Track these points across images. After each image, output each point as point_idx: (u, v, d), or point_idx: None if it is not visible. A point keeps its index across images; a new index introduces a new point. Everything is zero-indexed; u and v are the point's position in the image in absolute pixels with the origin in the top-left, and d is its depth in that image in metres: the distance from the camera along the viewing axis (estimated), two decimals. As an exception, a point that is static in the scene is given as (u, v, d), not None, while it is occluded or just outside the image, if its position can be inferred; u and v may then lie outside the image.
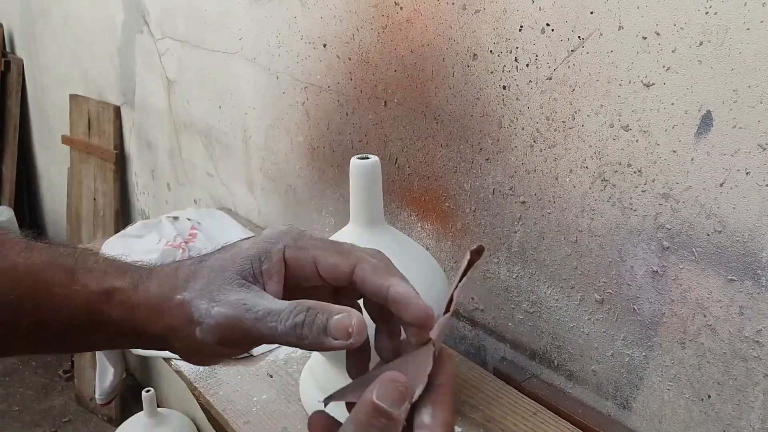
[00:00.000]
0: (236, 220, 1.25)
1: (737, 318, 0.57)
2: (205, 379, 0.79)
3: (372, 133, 0.91)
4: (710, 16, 0.53)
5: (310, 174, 1.07)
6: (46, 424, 2.05)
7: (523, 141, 0.71)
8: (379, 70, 0.86)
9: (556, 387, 0.75)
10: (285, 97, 1.07)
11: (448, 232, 0.84)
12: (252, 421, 0.71)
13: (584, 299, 0.70)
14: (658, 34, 0.57)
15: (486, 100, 0.73)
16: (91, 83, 1.87)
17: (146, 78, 1.55)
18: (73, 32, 1.88)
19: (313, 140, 1.04)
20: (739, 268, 0.56)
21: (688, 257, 0.59)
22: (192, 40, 1.31)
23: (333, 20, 0.92)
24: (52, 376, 2.27)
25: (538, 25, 0.66)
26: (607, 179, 0.64)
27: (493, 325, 0.81)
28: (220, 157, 1.34)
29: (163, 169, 1.61)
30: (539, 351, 0.77)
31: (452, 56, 0.76)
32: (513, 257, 0.76)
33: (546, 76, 0.67)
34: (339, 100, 0.95)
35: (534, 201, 0.72)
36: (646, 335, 0.64)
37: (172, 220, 1.21)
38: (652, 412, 0.66)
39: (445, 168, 0.81)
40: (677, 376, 0.63)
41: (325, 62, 0.96)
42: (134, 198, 1.84)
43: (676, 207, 0.59)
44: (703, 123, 0.55)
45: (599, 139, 0.64)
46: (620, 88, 0.60)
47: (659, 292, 0.62)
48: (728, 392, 0.59)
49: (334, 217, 1.04)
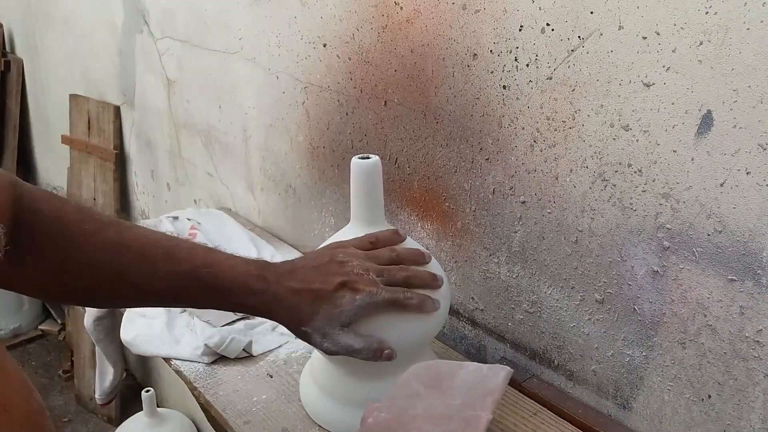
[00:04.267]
0: (236, 219, 1.25)
1: (738, 318, 0.57)
2: (205, 379, 0.79)
3: (372, 133, 0.91)
4: (710, 16, 0.53)
5: (310, 174, 1.07)
6: (46, 424, 2.04)
7: (524, 141, 0.71)
8: (379, 70, 0.86)
9: (556, 387, 0.75)
10: (285, 97, 1.07)
11: (448, 232, 0.84)
12: (252, 421, 0.71)
13: (584, 299, 0.70)
14: (658, 34, 0.56)
15: (486, 100, 0.73)
16: (91, 83, 1.87)
17: (146, 78, 1.55)
18: (73, 32, 1.88)
19: (313, 140, 1.04)
20: (740, 268, 0.55)
21: (688, 257, 0.59)
22: (192, 39, 1.31)
23: (333, 20, 0.92)
24: (52, 376, 2.27)
25: (538, 25, 0.66)
26: (608, 179, 0.64)
27: (493, 325, 0.81)
28: (220, 157, 1.34)
29: (163, 169, 1.61)
30: (539, 351, 0.77)
31: (452, 56, 0.76)
32: (513, 257, 0.76)
33: (546, 76, 0.66)
34: (339, 99, 0.95)
35: (534, 201, 0.72)
36: (647, 335, 0.64)
37: (172, 220, 1.21)
38: (653, 412, 0.66)
39: (445, 168, 0.81)
40: (677, 376, 0.63)
41: (325, 62, 0.96)
42: (134, 198, 1.84)
43: (677, 207, 0.59)
44: (703, 123, 0.55)
45: (599, 139, 0.64)
46: (620, 87, 0.60)
47: (659, 292, 0.62)
48: (728, 392, 0.59)
49: (334, 217, 1.04)
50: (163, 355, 0.86)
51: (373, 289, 0.59)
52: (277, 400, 0.74)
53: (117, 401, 1.93)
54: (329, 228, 1.06)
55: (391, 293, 0.60)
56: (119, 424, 1.74)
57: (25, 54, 2.31)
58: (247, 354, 0.83)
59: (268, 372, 0.80)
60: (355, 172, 0.66)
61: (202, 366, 0.82)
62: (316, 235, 1.09)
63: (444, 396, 0.53)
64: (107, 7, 1.62)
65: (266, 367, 0.81)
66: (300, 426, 0.70)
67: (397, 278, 0.62)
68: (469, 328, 0.85)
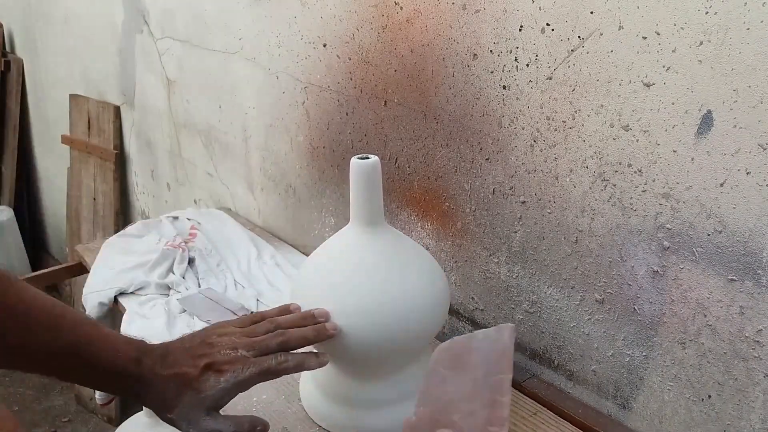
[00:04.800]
0: (236, 219, 1.25)
1: (738, 318, 0.57)
2: (205, 379, 0.79)
3: (372, 133, 0.91)
4: (710, 16, 0.53)
5: (310, 174, 1.07)
6: (46, 424, 2.05)
7: (524, 141, 0.71)
8: (379, 70, 0.86)
9: (556, 387, 0.75)
10: (285, 96, 1.07)
11: (448, 232, 0.84)
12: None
13: (584, 299, 0.70)
14: (658, 34, 0.56)
15: (486, 100, 0.73)
16: (91, 83, 1.87)
17: (146, 78, 1.55)
18: (73, 32, 1.88)
19: (313, 140, 1.04)
20: (740, 268, 0.55)
21: (688, 257, 0.59)
22: (192, 39, 1.31)
23: (333, 20, 0.92)
24: (52, 376, 2.27)
25: (538, 25, 0.66)
26: (608, 179, 0.64)
27: (494, 325, 0.81)
28: (220, 157, 1.34)
29: (163, 168, 1.61)
30: (539, 351, 0.77)
31: (452, 56, 0.76)
32: (513, 257, 0.76)
33: (546, 76, 0.66)
34: (339, 99, 0.95)
35: (534, 201, 0.72)
36: (647, 335, 0.64)
37: (172, 220, 1.21)
38: (653, 412, 0.66)
39: (445, 168, 0.81)
40: (677, 376, 0.63)
41: (325, 62, 0.96)
42: (134, 198, 1.84)
43: (677, 207, 0.59)
44: (703, 123, 0.55)
45: (599, 139, 0.64)
46: (620, 87, 0.60)
47: (659, 292, 0.62)
48: (728, 392, 0.59)
49: (334, 217, 1.04)
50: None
51: (239, 367, 0.57)
52: (277, 400, 0.74)
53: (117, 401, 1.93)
54: (329, 228, 1.06)
55: (258, 365, 0.57)
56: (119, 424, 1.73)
57: (25, 54, 2.31)
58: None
59: (268, 372, 0.80)
60: (354, 172, 0.66)
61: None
62: (316, 235, 1.09)
63: (467, 372, 0.57)
64: (107, 7, 1.62)
65: (266, 367, 0.81)
66: (300, 426, 0.70)
67: (270, 346, 0.59)
68: (469, 328, 0.85)
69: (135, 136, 1.72)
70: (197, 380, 0.56)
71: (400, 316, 0.62)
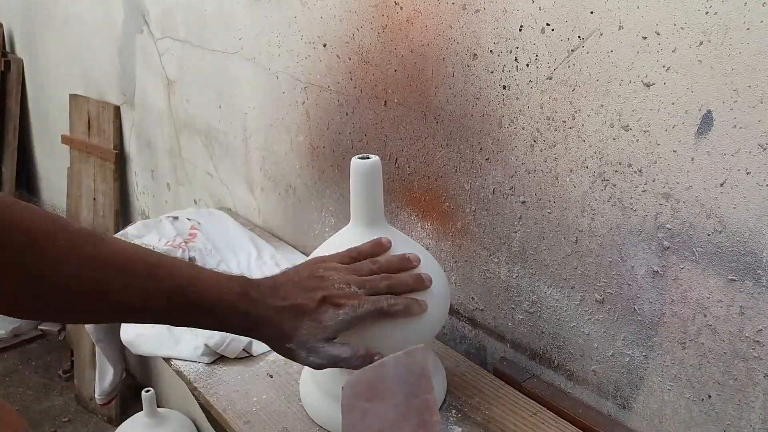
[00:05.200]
0: (236, 219, 1.24)
1: (738, 318, 0.57)
2: (205, 379, 0.79)
3: (372, 133, 0.91)
4: (710, 16, 0.53)
5: (310, 174, 1.07)
6: (46, 424, 2.05)
7: (523, 141, 0.71)
8: (379, 70, 0.86)
9: (556, 387, 0.75)
10: (285, 97, 1.07)
11: (448, 232, 0.84)
12: (252, 421, 0.71)
13: (584, 299, 0.70)
14: (658, 34, 0.56)
15: (486, 100, 0.73)
16: (91, 83, 1.87)
17: (146, 78, 1.55)
18: (73, 32, 1.88)
19: (313, 140, 1.04)
20: (740, 268, 0.55)
21: (688, 257, 0.59)
22: (192, 39, 1.31)
23: (333, 20, 0.92)
24: (52, 376, 2.27)
25: (538, 25, 0.66)
26: (608, 179, 0.64)
27: (493, 325, 0.81)
28: (220, 157, 1.34)
29: (163, 168, 1.61)
30: (539, 351, 0.77)
31: (452, 56, 0.76)
32: (513, 257, 0.76)
33: (546, 76, 0.66)
34: (339, 100, 0.95)
35: (534, 201, 0.72)
36: (647, 335, 0.64)
37: (172, 219, 1.21)
38: (653, 412, 0.66)
39: (445, 168, 0.81)
40: (677, 376, 0.63)
41: (325, 62, 0.96)
42: (134, 198, 1.84)
43: (677, 207, 0.59)
44: (703, 123, 0.55)
45: (599, 139, 0.64)
46: (620, 87, 0.60)
47: (659, 292, 0.62)
48: (729, 392, 0.59)
49: (334, 217, 1.04)
50: (163, 355, 0.86)
51: (356, 302, 0.59)
52: (277, 400, 0.74)
53: (117, 401, 1.93)
54: (329, 228, 1.06)
55: (373, 303, 0.60)
56: (119, 424, 1.74)
57: (25, 54, 2.31)
58: (247, 354, 0.83)
59: (268, 372, 0.80)
60: (355, 172, 0.66)
61: (202, 366, 0.82)
62: (316, 235, 1.09)
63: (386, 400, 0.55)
64: (107, 7, 1.62)
65: (266, 367, 0.81)
66: (300, 426, 0.70)
67: (380, 287, 0.61)
68: (469, 328, 0.85)
69: (135, 136, 1.72)
70: (316, 311, 0.58)
71: (393, 320, 0.62)
